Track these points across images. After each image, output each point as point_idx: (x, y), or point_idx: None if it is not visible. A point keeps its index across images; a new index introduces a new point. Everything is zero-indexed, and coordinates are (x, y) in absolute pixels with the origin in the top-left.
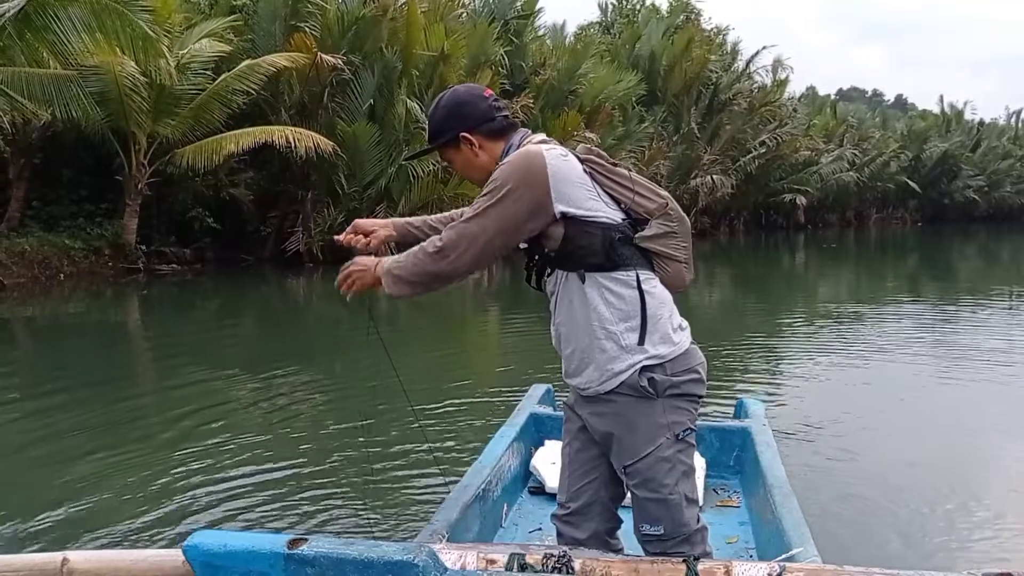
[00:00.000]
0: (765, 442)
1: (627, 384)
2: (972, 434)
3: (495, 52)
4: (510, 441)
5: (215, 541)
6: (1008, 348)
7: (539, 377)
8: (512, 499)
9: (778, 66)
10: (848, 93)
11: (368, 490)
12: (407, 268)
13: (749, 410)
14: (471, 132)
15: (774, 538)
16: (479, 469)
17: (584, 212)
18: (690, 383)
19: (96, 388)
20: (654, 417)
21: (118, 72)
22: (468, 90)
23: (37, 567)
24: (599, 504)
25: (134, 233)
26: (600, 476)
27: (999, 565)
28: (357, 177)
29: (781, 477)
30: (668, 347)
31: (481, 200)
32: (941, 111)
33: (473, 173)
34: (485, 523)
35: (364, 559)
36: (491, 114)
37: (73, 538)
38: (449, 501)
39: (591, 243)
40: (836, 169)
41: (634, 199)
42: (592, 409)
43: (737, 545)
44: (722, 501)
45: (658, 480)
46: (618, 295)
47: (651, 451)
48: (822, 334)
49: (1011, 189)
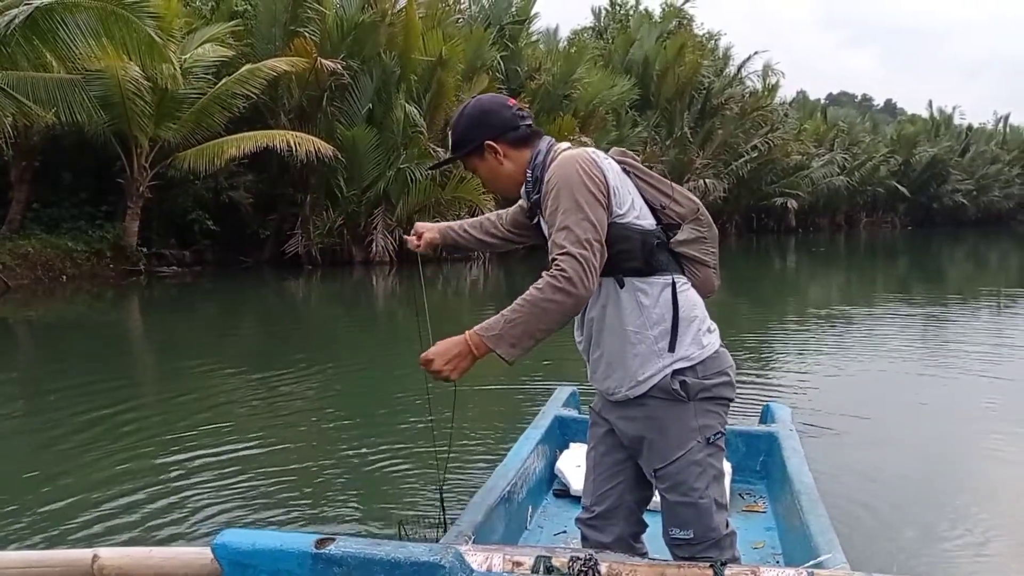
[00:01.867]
0: (792, 447)
1: (659, 387)
2: (1006, 440)
3: (491, 57)
4: (535, 444)
5: (244, 540)
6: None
7: (564, 380)
8: (537, 501)
9: (768, 71)
10: (838, 98)
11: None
12: (530, 321)
13: (776, 415)
14: (496, 141)
15: (801, 544)
16: (504, 471)
17: (626, 216)
18: (721, 386)
19: (119, 388)
20: (686, 420)
21: (121, 77)
22: (492, 99)
23: (69, 563)
24: (624, 508)
25: (135, 235)
26: (625, 480)
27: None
28: (356, 180)
29: (809, 483)
30: (698, 349)
31: (575, 219)
32: (930, 116)
33: (498, 182)
34: (510, 525)
35: (391, 559)
36: (515, 122)
37: (100, 536)
38: (474, 503)
39: (631, 248)
40: (827, 173)
41: (669, 204)
42: (621, 413)
43: (763, 551)
44: (748, 506)
45: (688, 484)
46: (652, 299)
47: (682, 455)
48: (831, 335)
49: (999, 193)
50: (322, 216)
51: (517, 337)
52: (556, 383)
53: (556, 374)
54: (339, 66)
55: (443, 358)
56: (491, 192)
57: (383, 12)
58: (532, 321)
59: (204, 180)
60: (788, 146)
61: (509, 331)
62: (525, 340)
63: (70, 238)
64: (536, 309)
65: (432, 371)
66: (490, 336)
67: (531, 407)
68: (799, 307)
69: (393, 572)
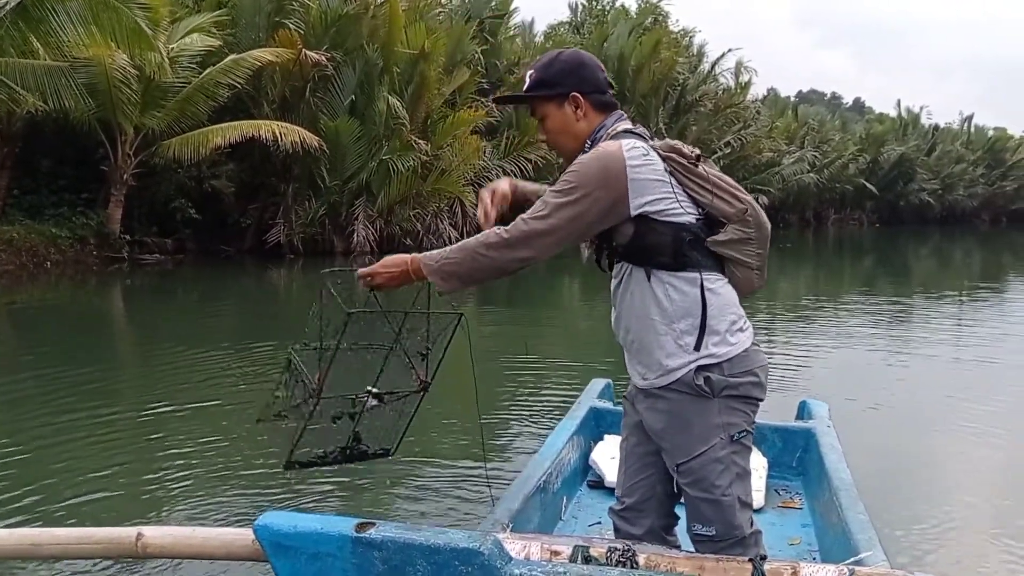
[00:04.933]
0: (830, 444)
1: (682, 381)
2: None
3: (471, 51)
4: (570, 434)
5: (285, 522)
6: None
7: (598, 372)
8: (572, 492)
9: (741, 68)
10: (808, 95)
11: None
12: (463, 263)
13: (813, 411)
14: (584, 95)
15: (839, 541)
16: (540, 461)
17: (658, 212)
18: (748, 385)
19: (146, 375)
20: (709, 417)
21: (108, 65)
22: (590, 56)
23: (114, 541)
24: (655, 500)
25: (118, 223)
26: (656, 472)
27: None
28: (338, 171)
29: (847, 480)
30: (725, 347)
31: (554, 198)
32: (898, 115)
33: (565, 136)
34: (545, 515)
35: (431, 545)
36: (604, 87)
37: (139, 515)
38: (511, 492)
39: (660, 242)
40: (797, 170)
41: (712, 201)
42: (648, 404)
43: (800, 547)
44: (784, 502)
45: (710, 480)
46: (681, 293)
47: (704, 450)
48: (800, 326)
49: (963, 192)
50: (304, 206)
51: (448, 274)
52: (591, 375)
53: (591, 366)
54: (323, 58)
55: (385, 268)
56: (551, 146)
57: (366, 5)
58: (465, 264)
59: (187, 169)
60: (760, 143)
61: (444, 267)
62: (454, 280)
63: (54, 224)
64: (471, 256)
65: (370, 277)
66: (427, 264)
67: (566, 399)
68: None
69: (432, 558)
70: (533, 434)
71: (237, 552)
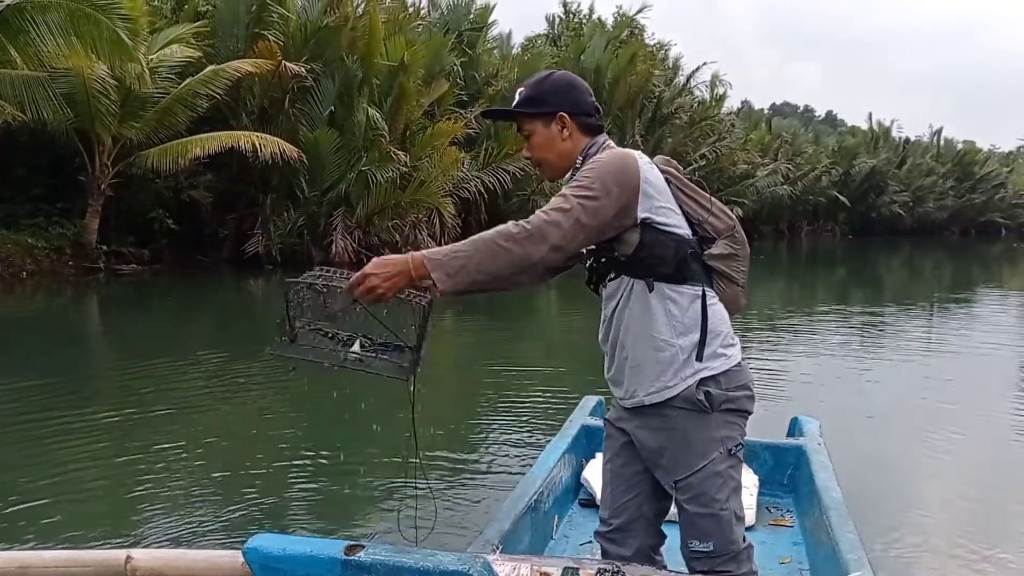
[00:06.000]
0: (821, 462)
1: (683, 397)
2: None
3: (450, 63)
4: (561, 453)
5: (274, 544)
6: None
7: (590, 389)
8: (563, 511)
9: (716, 81)
10: (781, 108)
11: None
12: (474, 257)
13: (804, 428)
14: (571, 116)
15: (829, 560)
16: (531, 480)
17: (662, 221)
18: (743, 399)
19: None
20: (708, 431)
21: (87, 75)
22: (580, 80)
23: (102, 563)
24: (643, 520)
25: (95, 233)
26: (643, 492)
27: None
28: (317, 182)
29: (838, 498)
30: (722, 361)
31: (573, 193)
32: (870, 128)
33: (548, 154)
34: (536, 535)
35: (420, 568)
36: (592, 111)
37: (126, 537)
38: (502, 512)
39: (664, 253)
40: (771, 183)
41: (707, 217)
42: (641, 422)
43: (790, 565)
44: (775, 520)
45: (710, 495)
46: (682, 308)
47: (704, 465)
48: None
49: (933, 205)
50: (282, 216)
51: (456, 269)
52: (582, 393)
53: (583, 384)
54: (303, 69)
55: (383, 270)
56: (534, 162)
57: (346, 16)
58: (476, 258)
59: (165, 179)
60: (735, 155)
61: (451, 261)
62: (463, 276)
63: (30, 234)
64: (485, 247)
65: (365, 284)
66: (431, 259)
67: (557, 416)
68: (748, 311)
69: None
70: (524, 453)
71: (226, 574)
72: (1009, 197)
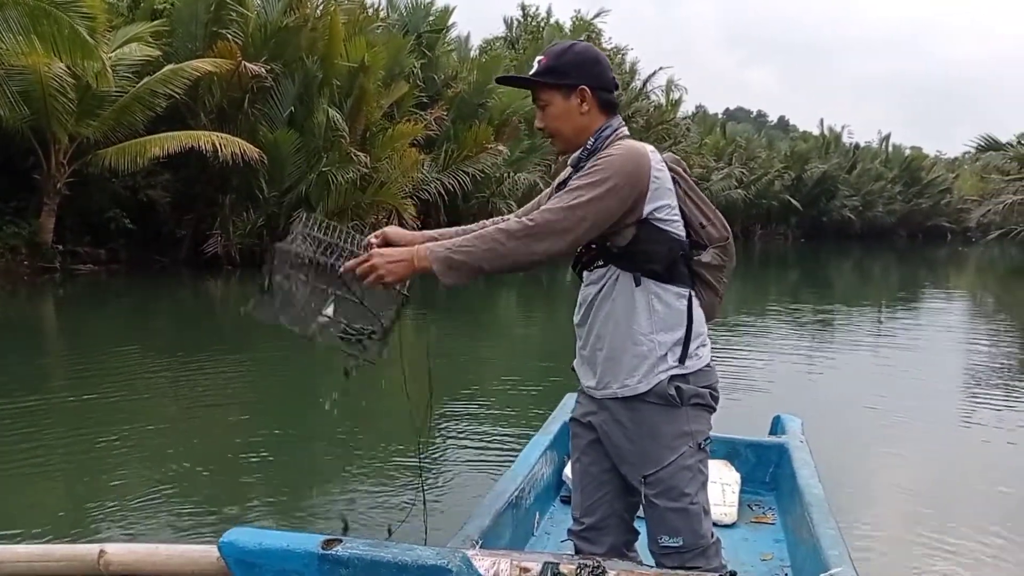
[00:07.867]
0: (803, 459)
1: (655, 392)
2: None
3: (410, 64)
4: (543, 450)
5: (251, 538)
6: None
7: (573, 386)
8: (544, 508)
9: (672, 86)
10: (735, 113)
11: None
12: (475, 252)
13: (786, 426)
14: (592, 90)
15: (811, 557)
16: (512, 477)
17: (662, 220)
18: (710, 396)
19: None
20: (678, 425)
21: (44, 73)
22: (604, 56)
23: (75, 558)
24: (615, 517)
25: (51, 233)
26: (613, 488)
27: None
28: (277, 182)
29: (819, 496)
30: (696, 360)
31: (583, 187)
32: (821, 133)
33: (564, 127)
34: (517, 531)
35: (398, 562)
36: (612, 87)
37: (97, 532)
38: (482, 507)
39: (657, 251)
40: (725, 186)
41: (707, 225)
42: (607, 416)
43: (772, 563)
44: (757, 518)
45: (680, 489)
46: (667, 306)
47: (674, 459)
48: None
49: (882, 209)
50: (242, 217)
51: (459, 263)
52: (564, 389)
53: (565, 381)
54: (262, 69)
55: (388, 260)
56: (547, 133)
57: (305, 17)
58: (479, 254)
59: (122, 178)
60: (690, 159)
61: (454, 255)
62: (465, 270)
63: None
64: (490, 245)
65: (370, 270)
66: (435, 252)
67: (540, 413)
68: None
69: (400, 575)
70: (505, 450)
71: (202, 569)
72: (955, 202)
